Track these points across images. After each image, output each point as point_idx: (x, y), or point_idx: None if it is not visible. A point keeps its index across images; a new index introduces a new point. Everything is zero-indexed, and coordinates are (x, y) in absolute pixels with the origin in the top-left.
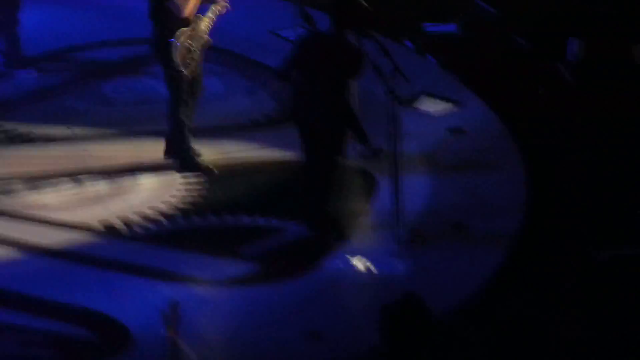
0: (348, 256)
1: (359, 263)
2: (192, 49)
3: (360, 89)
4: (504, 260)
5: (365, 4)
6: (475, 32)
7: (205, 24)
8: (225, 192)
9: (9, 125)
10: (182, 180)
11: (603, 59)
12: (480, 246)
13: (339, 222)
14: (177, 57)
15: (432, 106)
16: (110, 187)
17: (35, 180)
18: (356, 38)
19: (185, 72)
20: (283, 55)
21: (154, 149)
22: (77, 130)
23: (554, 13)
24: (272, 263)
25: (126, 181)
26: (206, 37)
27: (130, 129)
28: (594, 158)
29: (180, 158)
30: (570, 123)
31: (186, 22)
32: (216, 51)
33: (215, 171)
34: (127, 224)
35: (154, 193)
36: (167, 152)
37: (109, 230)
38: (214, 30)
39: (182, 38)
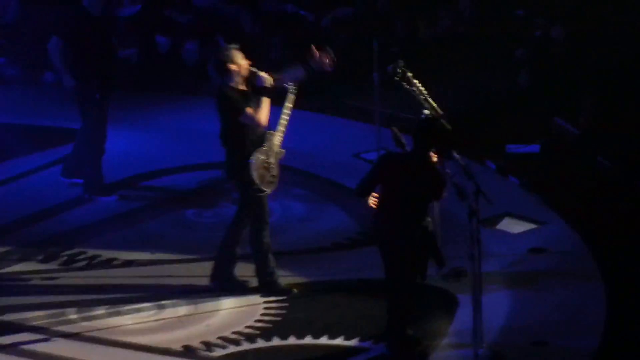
0: None
1: None
2: (270, 166)
3: (443, 210)
4: None
5: (449, 126)
6: (557, 152)
7: (277, 137)
8: (306, 313)
9: (91, 251)
10: (263, 303)
11: None
12: None
13: (420, 342)
14: (257, 177)
15: (513, 226)
16: (191, 310)
17: (117, 305)
18: (439, 160)
19: (267, 191)
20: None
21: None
22: (160, 255)
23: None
24: None
25: (207, 304)
26: (280, 150)
27: (210, 253)
28: None
29: (262, 280)
30: None
31: (261, 139)
32: (300, 174)
33: (296, 292)
34: (209, 346)
35: (235, 315)
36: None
37: (190, 353)
38: (298, 152)
39: (258, 156)
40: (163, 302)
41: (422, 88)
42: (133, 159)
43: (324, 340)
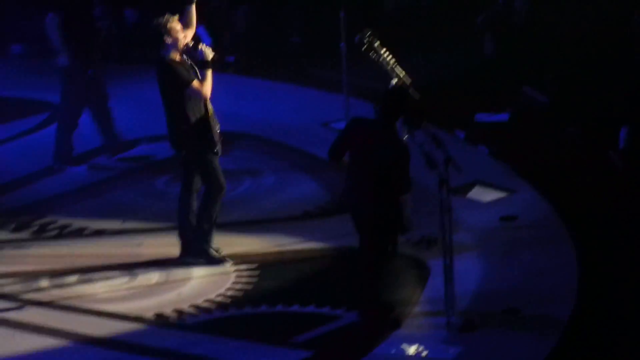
0: (400, 343)
1: (411, 349)
2: (218, 130)
3: (413, 179)
4: (556, 345)
5: (417, 95)
6: (526, 121)
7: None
8: (277, 282)
9: (62, 220)
10: (234, 270)
11: None
12: (532, 331)
13: (392, 309)
14: (218, 141)
15: (483, 195)
16: (163, 278)
17: (88, 273)
18: (407, 129)
19: (220, 154)
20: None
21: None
22: (130, 224)
23: (605, 102)
24: (325, 351)
25: (179, 272)
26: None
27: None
28: None
29: (199, 247)
30: (621, 208)
31: (203, 108)
32: (269, 144)
33: (230, 263)
34: (180, 314)
35: (207, 283)
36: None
37: (162, 321)
38: (268, 122)
39: (212, 122)
40: (134, 270)
41: (390, 57)
42: None
43: (295, 308)
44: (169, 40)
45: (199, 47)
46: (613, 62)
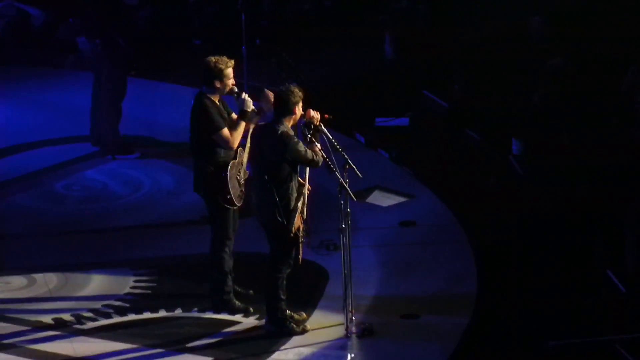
0: (298, 349)
1: (311, 356)
2: (241, 181)
3: (313, 184)
4: (454, 352)
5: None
6: (426, 125)
7: (245, 155)
8: (176, 287)
9: None
10: (134, 276)
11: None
12: (430, 337)
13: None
14: (232, 192)
15: (383, 199)
16: (63, 283)
17: None
18: (306, 133)
19: (237, 205)
20: None
21: (104, 245)
22: (30, 228)
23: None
24: (225, 355)
25: (78, 277)
26: (246, 170)
27: (81, 226)
28: (541, 246)
29: (217, 298)
30: (519, 211)
31: (234, 155)
32: (169, 146)
33: (252, 310)
34: (79, 319)
35: (106, 288)
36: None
37: (60, 325)
38: (168, 125)
39: (233, 171)
40: (34, 275)
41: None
42: (3, 131)
43: (194, 313)
44: (217, 85)
45: (242, 95)
46: (512, 68)
